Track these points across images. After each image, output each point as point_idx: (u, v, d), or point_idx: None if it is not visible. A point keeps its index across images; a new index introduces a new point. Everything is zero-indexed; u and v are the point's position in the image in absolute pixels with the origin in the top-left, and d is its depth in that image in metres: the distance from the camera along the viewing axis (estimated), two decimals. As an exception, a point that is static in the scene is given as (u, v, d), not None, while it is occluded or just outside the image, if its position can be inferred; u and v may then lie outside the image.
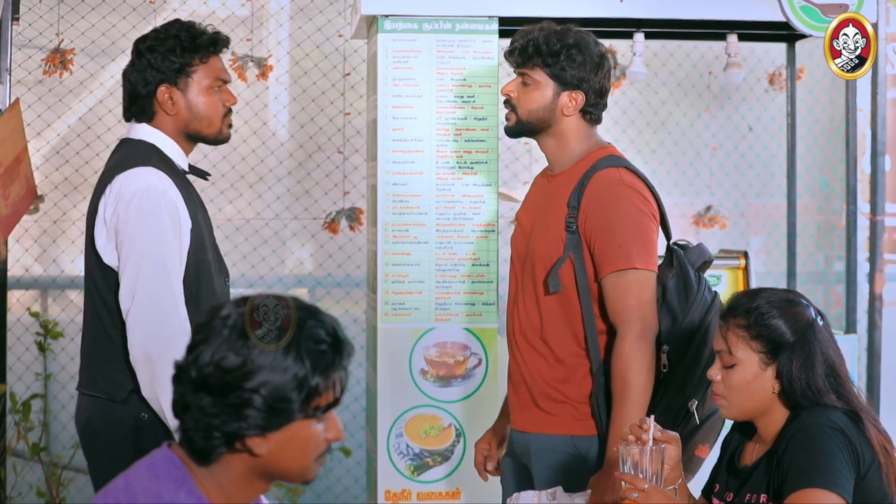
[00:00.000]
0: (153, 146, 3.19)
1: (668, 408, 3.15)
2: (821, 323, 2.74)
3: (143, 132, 3.21)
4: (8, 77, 4.90)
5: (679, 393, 3.16)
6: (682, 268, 3.22)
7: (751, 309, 2.73)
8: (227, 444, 1.95)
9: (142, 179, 3.08)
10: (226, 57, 3.31)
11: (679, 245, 3.31)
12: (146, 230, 3.05)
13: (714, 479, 2.90)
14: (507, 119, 3.35)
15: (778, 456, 2.68)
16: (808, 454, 2.61)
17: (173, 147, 3.22)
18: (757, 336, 2.71)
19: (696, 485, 2.97)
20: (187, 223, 3.13)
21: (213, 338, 1.93)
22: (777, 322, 2.71)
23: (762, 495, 2.69)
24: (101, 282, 3.13)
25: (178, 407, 1.97)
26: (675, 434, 2.74)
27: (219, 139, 3.28)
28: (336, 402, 1.98)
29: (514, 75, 3.36)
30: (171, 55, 3.17)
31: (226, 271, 3.31)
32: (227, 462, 1.97)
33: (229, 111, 3.27)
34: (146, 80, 3.18)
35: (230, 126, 3.29)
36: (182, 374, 1.96)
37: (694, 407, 3.14)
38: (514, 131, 3.35)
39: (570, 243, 3.20)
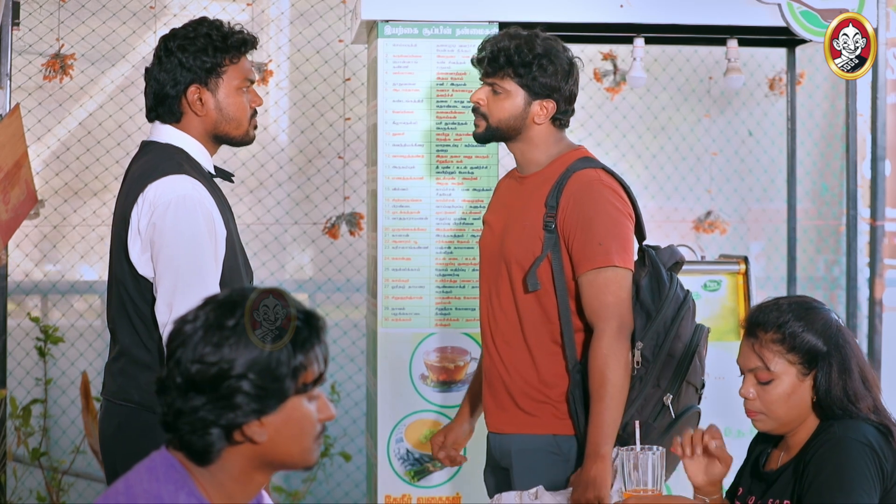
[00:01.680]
0: (180, 150, 3.08)
1: (645, 404, 3.18)
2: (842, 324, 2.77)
3: (168, 134, 3.10)
4: (8, 82, 4.90)
5: (655, 388, 3.19)
6: (654, 266, 3.26)
7: (782, 323, 2.73)
8: (227, 438, 1.96)
9: (177, 188, 2.96)
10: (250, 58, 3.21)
11: (650, 246, 3.35)
12: (183, 241, 2.94)
13: (738, 482, 2.91)
14: (476, 126, 3.39)
15: (804, 464, 2.68)
16: (833, 467, 2.62)
17: (200, 149, 3.11)
18: (792, 349, 2.72)
19: (678, 482, 2.97)
20: (223, 231, 3.03)
21: (188, 341, 1.96)
22: (809, 333, 2.72)
23: (785, 501, 2.70)
24: (134, 293, 3.02)
25: (170, 416, 1.97)
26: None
27: (245, 141, 3.17)
28: (321, 377, 2.01)
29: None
30: (203, 54, 3.05)
31: (251, 273, 3.22)
32: (227, 458, 1.98)
33: (255, 112, 3.17)
34: (176, 80, 3.06)
35: (255, 127, 3.18)
36: (166, 384, 1.97)
37: (669, 401, 3.18)
38: (484, 138, 3.40)
39: (549, 242, 3.24)
